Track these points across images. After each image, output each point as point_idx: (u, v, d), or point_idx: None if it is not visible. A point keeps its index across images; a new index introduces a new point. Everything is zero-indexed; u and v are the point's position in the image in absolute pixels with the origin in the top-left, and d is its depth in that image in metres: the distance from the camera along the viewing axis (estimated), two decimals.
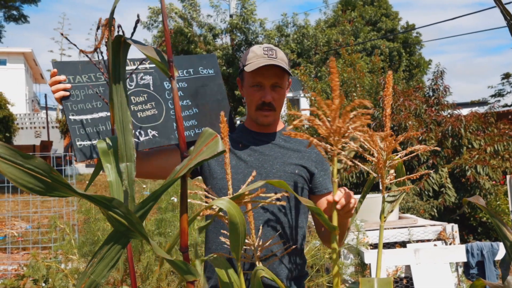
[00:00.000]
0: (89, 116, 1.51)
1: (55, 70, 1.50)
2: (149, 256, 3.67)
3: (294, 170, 1.65)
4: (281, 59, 1.65)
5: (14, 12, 14.75)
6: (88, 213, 4.25)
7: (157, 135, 1.60)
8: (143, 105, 1.61)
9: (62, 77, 1.49)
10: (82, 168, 15.62)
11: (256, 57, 1.62)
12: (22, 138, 20.18)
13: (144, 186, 5.64)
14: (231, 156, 1.65)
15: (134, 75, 1.61)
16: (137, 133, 1.57)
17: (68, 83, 1.50)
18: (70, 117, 1.48)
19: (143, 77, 1.63)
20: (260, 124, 1.70)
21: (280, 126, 1.75)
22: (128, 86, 1.58)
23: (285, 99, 1.73)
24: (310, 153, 1.69)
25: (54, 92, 1.48)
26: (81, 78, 1.53)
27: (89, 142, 1.49)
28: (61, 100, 1.49)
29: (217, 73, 1.77)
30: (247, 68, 1.62)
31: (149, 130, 1.59)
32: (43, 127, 22.39)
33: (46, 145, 15.79)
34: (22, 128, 21.95)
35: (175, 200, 4.39)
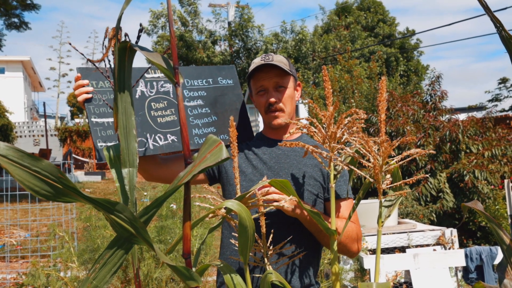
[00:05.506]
0: (110, 120, 1.55)
1: (79, 75, 1.55)
2: (149, 264, 3.66)
3: (311, 175, 1.63)
4: (279, 61, 1.66)
5: (15, 20, 14.77)
6: (88, 221, 4.25)
7: (176, 140, 1.65)
8: (163, 111, 1.66)
9: (85, 81, 1.54)
10: (81, 176, 15.57)
11: (254, 64, 1.67)
12: (21, 147, 20.10)
13: (146, 193, 5.63)
14: (247, 164, 1.67)
15: (155, 83, 1.67)
16: (156, 137, 1.62)
17: (91, 87, 1.55)
18: (92, 119, 1.52)
19: (164, 85, 1.69)
20: (274, 128, 1.69)
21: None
22: (149, 93, 1.65)
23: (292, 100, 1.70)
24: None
25: (77, 95, 1.53)
26: (103, 84, 1.58)
27: (109, 144, 1.52)
28: (84, 103, 1.53)
29: (236, 83, 1.83)
30: (248, 75, 1.68)
31: (168, 135, 1.65)
32: (42, 135, 22.36)
33: (45, 153, 15.79)
34: (20, 136, 21.93)
35: (174, 207, 4.39)
